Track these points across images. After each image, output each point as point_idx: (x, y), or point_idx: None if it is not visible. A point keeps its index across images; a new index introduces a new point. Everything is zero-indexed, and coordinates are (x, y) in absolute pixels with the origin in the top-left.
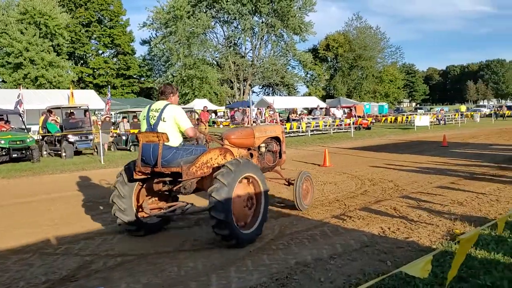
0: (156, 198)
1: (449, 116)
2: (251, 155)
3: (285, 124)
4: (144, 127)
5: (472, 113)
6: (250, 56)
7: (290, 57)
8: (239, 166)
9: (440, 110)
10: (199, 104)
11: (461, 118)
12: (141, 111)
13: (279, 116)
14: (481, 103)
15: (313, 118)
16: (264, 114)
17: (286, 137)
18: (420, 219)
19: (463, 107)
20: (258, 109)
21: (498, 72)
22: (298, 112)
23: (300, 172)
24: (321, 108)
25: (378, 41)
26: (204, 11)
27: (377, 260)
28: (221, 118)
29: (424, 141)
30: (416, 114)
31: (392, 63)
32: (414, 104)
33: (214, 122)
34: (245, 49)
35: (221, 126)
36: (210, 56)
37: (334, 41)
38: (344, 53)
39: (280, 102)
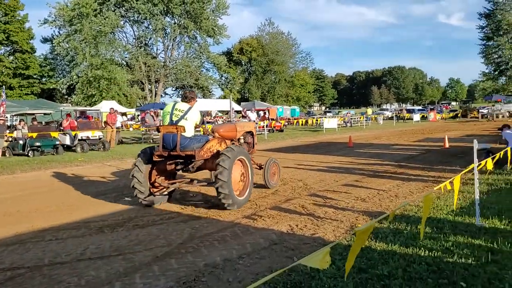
0: (163, 177)
1: (355, 118)
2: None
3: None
4: (166, 121)
5: (376, 116)
6: (162, 57)
7: (204, 59)
8: (233, 152)
9: (347, 113)
10: (106, 106)
11: (366, 120)
12: (43, 113)
13: None
14: (384, 106)
15: (228, 121)
16: None
17: None
18: (326, 215)
19: (369, 110)
20: None
21: (399, 78)
22: (213, 115)
23: (268, 159)
24: (235, 111)
25: (289, 47)
26: (113, 9)
27: (284, 257)
28: (131, 120)
29: (332, 142)
30: (325, 117)
31: (303, 69)
32: (324, 107)
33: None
34: (157, 50)
35: (131, 129)
36: (119, 56)
37: (248, 45)
38: (258, 57)
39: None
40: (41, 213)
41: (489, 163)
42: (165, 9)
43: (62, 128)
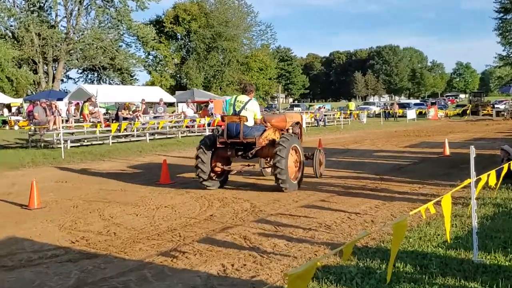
0: (220, 163)
1: (330, 115)
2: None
3: (111, 126)
4: (230, 112)
5: (358, 112)
6: (64, 27)
7: (123, 30)
8: (288, 142)
9: (319, 108)
10: None
11: (345, 118)
12: None
13: (107, 113)
14: (371, 99)
15: (154, 117)
16: (82, 110)
17: (113, 142)
18: (275, 250)
19: (352, 105)
20: (70, 102)
21: (391, 62)
22: (133, 108)
23: (315, 150)
24: (165, 103)
25: (243, 16)
26: None
27: None
28: (16, 115)
29: None
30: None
31: (262, 46)
32: (291, 100)
33: (4, 121)
34: (56, 16)
35: (15, 127)
36: (2, 25)
37: (186, 13)
38: (199, 29)
39: (109, 93)
40: None
41: (492, 178)
42: None
43: None
